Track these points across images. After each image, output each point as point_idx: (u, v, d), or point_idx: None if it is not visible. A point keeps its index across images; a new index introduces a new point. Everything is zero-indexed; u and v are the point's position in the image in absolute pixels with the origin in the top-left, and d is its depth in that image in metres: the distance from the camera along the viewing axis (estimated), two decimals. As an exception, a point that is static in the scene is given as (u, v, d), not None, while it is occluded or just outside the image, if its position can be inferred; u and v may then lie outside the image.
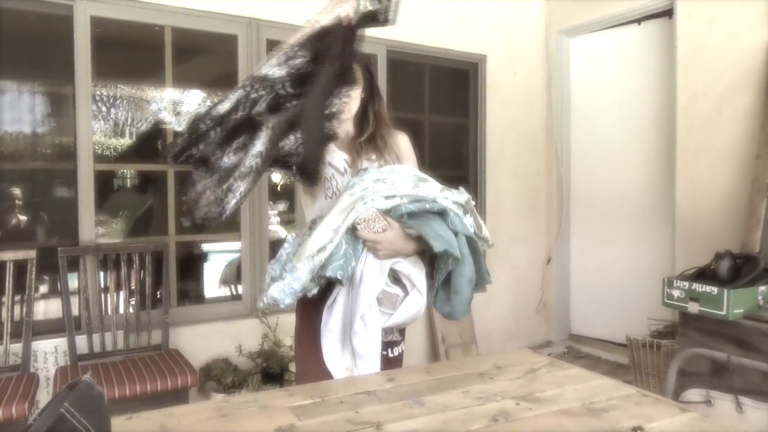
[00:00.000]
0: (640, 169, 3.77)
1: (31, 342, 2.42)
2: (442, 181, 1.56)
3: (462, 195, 1.50)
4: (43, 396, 2.48)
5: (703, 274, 2.49)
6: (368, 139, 1.67)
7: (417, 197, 1.44)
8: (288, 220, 5.18)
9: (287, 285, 1.42)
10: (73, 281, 2.65)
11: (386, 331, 1.54)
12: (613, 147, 3.92)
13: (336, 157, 1.66)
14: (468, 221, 1.49)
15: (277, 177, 4.34)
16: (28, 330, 2.41)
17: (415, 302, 1.49)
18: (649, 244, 3.69)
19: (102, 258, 2.67)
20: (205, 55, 3.40)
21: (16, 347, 2.40)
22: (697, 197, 3.20)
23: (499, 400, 1.21)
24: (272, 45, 3.13)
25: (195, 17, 2.93)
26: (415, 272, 1.48)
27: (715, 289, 2.31)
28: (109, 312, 2.63)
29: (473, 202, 1.53)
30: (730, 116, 3.06)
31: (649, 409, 1.16)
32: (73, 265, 2.63)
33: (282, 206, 4.97)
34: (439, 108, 3.91)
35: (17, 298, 2.49)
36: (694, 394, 1.44)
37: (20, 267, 2.45)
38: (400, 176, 1.51)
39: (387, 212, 1.45)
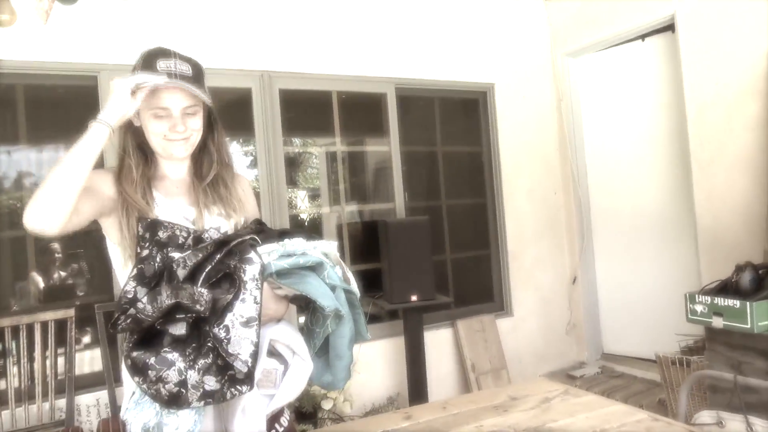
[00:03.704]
0: (658, 183, 3.76)
1: (74, 397, 2.54)
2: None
3: (331, 244, 1.31)
4: (88, 448, 2.58)
5: (726, 288, 2.47)
6: (212, 183, 1.35)
7: (286, 252, 1.23)
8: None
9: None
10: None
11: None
12: (629, 163, 3.92)
13: (169, 210, 1.29)
14: (338, 272, 1.29)
15: (303, 207, 4.43)
16: (71, 385, 2.52)
17: (301, 371, 1.24)
18: (673, 258, 3.65)
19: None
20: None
21: (60, 402, 2.52)
22: (715, 207, 3.18)
23: (510, 434, 1.25)
24: (285, 95, 3.27)
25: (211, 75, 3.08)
26: (293, 336, 1.26)
27: (737, 302, 2.29)
28: (146, 362, 2.72)
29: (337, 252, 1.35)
30: (741, 125, 3.05)
31: (658, 434, 1.19)
32: (111, 319, 2.75)
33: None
34: (451, 138, 3.98)
35: (58, 351, 2.61)
36: (705, 416, 1.44)
37: (60, 324, 2.57)
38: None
39: None
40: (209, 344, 1.10)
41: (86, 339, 3.10)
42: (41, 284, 2.96)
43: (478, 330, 3.66)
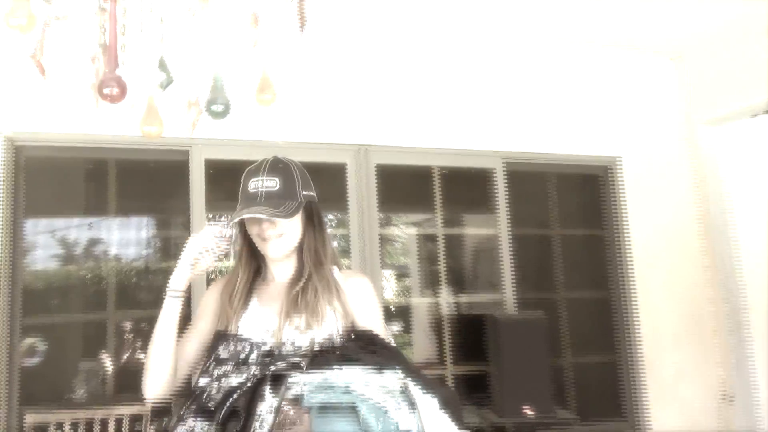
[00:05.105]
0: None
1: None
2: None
3: (392, 378, 1.20)
4: None
5: None
6: (303, 289, 1.39)
7: (324, 384, 1.18)
8: (402, 342, 5.03)
9: None
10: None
11: None
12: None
13: (254, 319, 1.38)
14: (405, 417, 1.14)
15: (390, 294, 4.28)
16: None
17: None
18: None
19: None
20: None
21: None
22: None
23: None
24: (381, 170, 3.22)
25: (305, 149, 3.08)
26: None
27: None
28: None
29: (419, 388, 1.19)
30: None
31: None
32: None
33: (396, 328, 4.85)
34: (568, 220, 3.78)
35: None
36: None
37: (134, 418, 2.54)
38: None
39: (294, 401, 1.18)
40: None
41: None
42: (110, 367, 2.95)
43: (607, 455, 3.21)
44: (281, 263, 1.44)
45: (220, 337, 1.35)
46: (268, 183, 1.37)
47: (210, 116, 1.37)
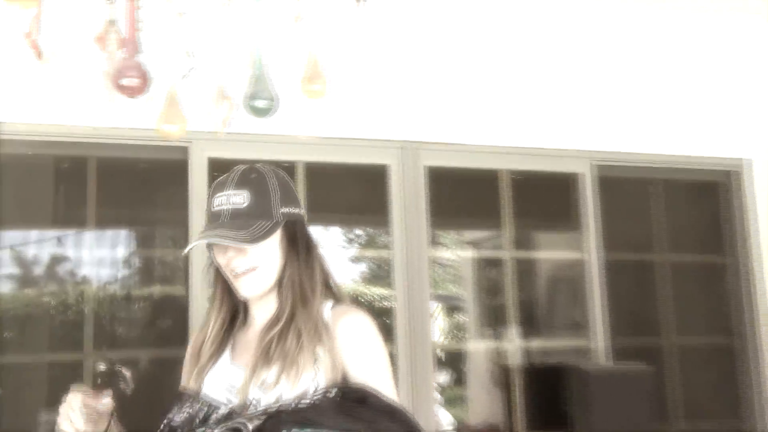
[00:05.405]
0: None
1: None
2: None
3: None
4: None
5: None
6: (281, 333, 1.38)
7: None
8: (452, 397, 5.05)
9: None
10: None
11: None
12: None
13: (221, 375, 1.43)
14: None
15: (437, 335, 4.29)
16: None
17: None
18: None
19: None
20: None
21: None
22: None
23: None
24: (432, 174, 3.26)
25: (336, 147, 3.15)
26: None
27: None
28: None
29: None
30: None
31: None
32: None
33: (444, 378, 4.89)
34: (678, 242, 3.81)
35: None
36: None
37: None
38: None
39: None
40: None
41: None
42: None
43: None
44: (260, 302, 1.46)
45: (176, 398, 1.41)
46: (235, 199, 1.39)
47: (250, 113, 1.40)
